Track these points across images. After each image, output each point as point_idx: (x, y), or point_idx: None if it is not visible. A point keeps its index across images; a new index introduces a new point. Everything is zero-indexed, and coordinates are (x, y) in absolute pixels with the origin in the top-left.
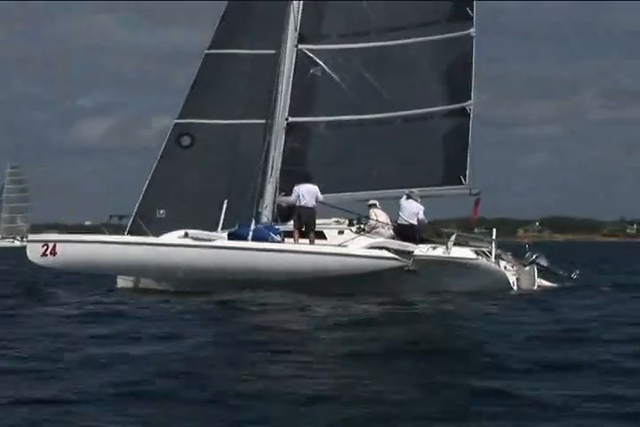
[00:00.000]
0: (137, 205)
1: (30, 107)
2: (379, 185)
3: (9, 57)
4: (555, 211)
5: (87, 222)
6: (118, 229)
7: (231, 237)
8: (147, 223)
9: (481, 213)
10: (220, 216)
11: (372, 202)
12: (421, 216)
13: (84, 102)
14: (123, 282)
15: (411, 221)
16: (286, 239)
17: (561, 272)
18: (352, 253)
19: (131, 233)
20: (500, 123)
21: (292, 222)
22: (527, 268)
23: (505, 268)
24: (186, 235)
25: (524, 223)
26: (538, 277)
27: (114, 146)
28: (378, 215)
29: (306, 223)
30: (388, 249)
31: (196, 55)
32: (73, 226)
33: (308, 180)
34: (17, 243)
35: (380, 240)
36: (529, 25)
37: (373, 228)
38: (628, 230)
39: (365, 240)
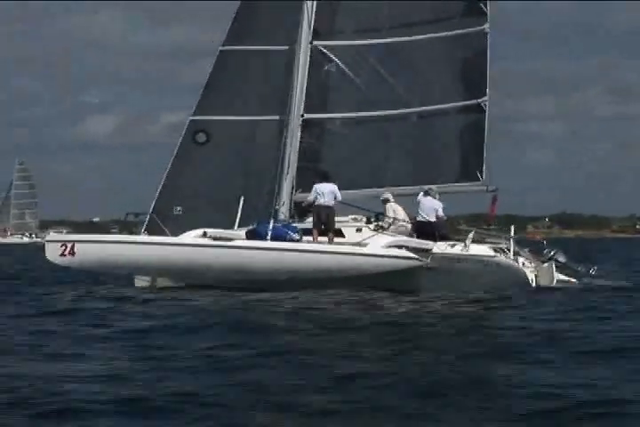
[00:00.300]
0: (153, 202)
1: (32, 105)
2: (395, 182)
3: (9, 56)
4: (562, 208)
5: (95, 219)
6: (127, 227)
7: (250, 235)
8: (163, 220)
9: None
10: (236, 213)
11: (385, 196)
12: (440, 213)
13: (86, 100)
14: (140, 282)
15: (429, 219)
16: (304, 237)
17: (579, 268)
18: (372, 252)
19: (147, 230)
20: (503, 120)
21: (309, 220)
22: (545, 264)
23: (523, 264)
24: (204, 234)
25: (533, 220)
26: (556, 272)
27: (118, 143)
28: (395, 210)
29: (324, 222)
30: (407, 248)
31: (198, 53)
32: (81, 222)
33: (326, 178)
34: (26, 239)
35: (398, 239)
36: (529, 25)
37: (391, 224)
38: (637, 226)
39: (384, 238)
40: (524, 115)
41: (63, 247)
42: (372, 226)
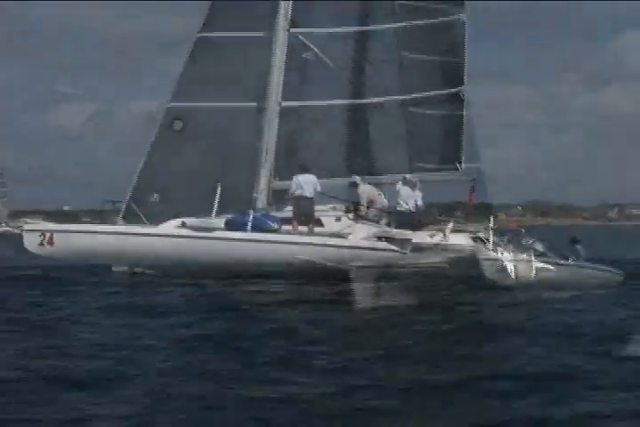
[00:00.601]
0: (131, 189)
1: (5, 94)
2: (373, 170)
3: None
4: (533, 195)
5: (66, 207)
6: (99, 215)
7: (229, 225)
8: (140, 208)
9: (461, 199)
10: (213, 200)
11: (353, 180)
12: (420, 203)
13: (61, 88)
14: (117, 266)
15: (409, 208)
16: (283, 227)
17: (557, 258)
18: (353, 244)
19: (125, 218)
20: (479, 108)
21: (288, 208)
22: (524, 254)
23: (502, 254)
24: (183, 224)
25: (505, 207)
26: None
27: (92, 131)
28: (366, 191)
29: (304, 213)
30: (387, 239)
31: (175, 41)
32: (53, 211)
33: (305, 170)
34: None
35: (378, 230)
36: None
37: (368, 207)
38: (608, 214)
39: (364, 230)
40: (498, 103)
41: (42, 237)
42: (351, 215)
